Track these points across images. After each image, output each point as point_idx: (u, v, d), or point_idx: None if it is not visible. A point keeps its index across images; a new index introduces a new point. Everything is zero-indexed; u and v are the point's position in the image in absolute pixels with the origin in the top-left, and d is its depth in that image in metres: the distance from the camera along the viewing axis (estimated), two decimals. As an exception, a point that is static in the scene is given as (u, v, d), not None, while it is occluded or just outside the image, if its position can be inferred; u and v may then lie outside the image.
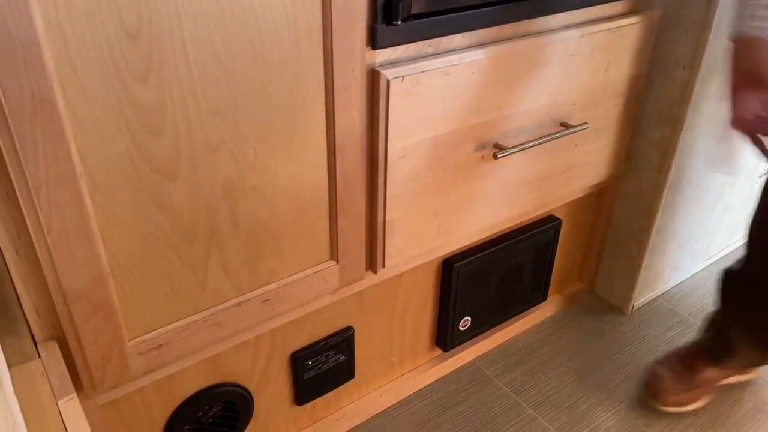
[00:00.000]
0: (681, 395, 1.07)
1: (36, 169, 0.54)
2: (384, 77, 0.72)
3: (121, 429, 0.78)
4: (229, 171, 0.67)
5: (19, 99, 0.51)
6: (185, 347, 0.74)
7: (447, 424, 1.07)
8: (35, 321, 0.63)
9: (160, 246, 0.66)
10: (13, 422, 0.53)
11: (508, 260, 1.11)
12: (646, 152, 1.14)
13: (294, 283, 0.80)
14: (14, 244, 0.58)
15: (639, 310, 1.32)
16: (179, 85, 0.59)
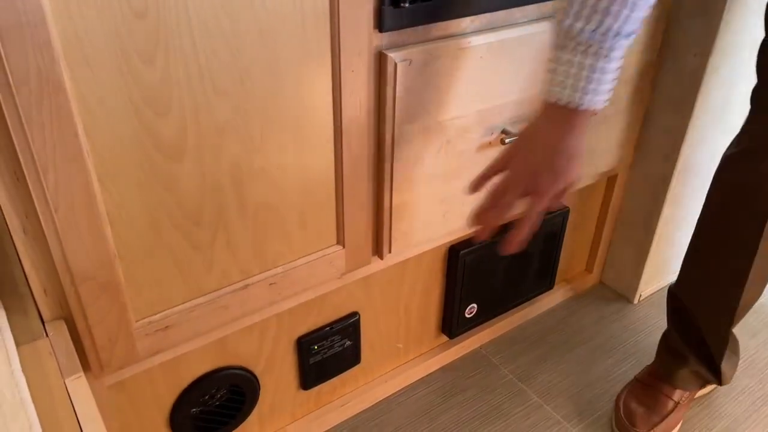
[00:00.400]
0: (656, 429, 1.01)
1: (43, 148, 0.54)
2: (391, 60, 0.72)
3: (129, 410, 0.79)
4: (236, 152, 0.67)
5: (26, 77, 0.51)
6: (192, 329, 0.74)
7: (452, 411, 1.07)
8: (43, 300, 0.63)
9: (167, 227, 0.66)
10: (21, 399, 0.53)
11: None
12: (655, 140, 1.14)
13: (300, 267, 0.80)
14: (22, 223, 0.58)
15: (646, 300, 1.32)
16: (185, 65, 0.59)
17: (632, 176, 1.20)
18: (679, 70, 1.06)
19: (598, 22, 0.58)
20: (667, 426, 1.01)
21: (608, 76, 0.61)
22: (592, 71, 0.60)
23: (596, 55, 0.59)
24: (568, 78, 0.61)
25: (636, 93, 1.05)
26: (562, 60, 0.61)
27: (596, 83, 0.61)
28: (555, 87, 0.62)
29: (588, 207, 1.24)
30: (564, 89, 0.62)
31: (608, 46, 0.59)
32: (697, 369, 1.01)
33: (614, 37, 0.59)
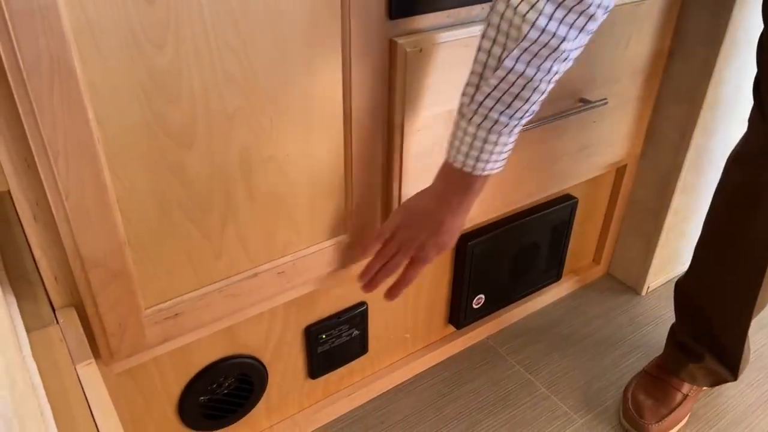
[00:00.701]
0: (664, 421, 1.00)
1: (54, 134, 0.54)
2: (402, 48, 0.71)
3: (138, 398, 0.79)
4: (245, 140, 0.67)
5: (36, 62, 0.51)
6: (201, 317, 0.74)
7: (459, 401, 1.07)
8: (53, 287, 0.63)
9: (177, 215, 0.66)
10: (32, 385, 0.54)
11: (523, 239, 1.10)
12: (665, 130, 1.13)
13: (309, 256, 0.80)
14: (33, 210, 0.58)
15: (654, 292, 1.31)
16: (196, 51, 0.59)
17: (642, 167, 1.19)
18: (690, 60, 1.05)
19: (490, 108, 0.63)
20: (675, 418, 1.01)
21: (499, 148, 0.66)
22: (484, 143, 0.65)
23: (489, 131, 0.64)
24: (463, 145, 0.66)
25: (646, 83, 1.04)
26: (461, 126, 0.66)
27: (488, 154, 0.66)
28: (452, 150, 0.68)
29: (596, 198, 1.23)
30: (458, 154, 0.67)
31: (499, 129, 0.64)
32: (714, 367, 0.99)
33: (505, 125, 0.64)
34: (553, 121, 0.90)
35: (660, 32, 0.99)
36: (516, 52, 0.59)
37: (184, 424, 0.86)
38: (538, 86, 0.61)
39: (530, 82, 0.60)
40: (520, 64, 0.59)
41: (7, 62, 0.50)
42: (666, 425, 1.01)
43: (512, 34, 0.59)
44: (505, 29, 0.59)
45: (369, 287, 0.79)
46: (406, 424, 1.03)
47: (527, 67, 0.60)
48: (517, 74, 0.60)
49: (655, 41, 1.00)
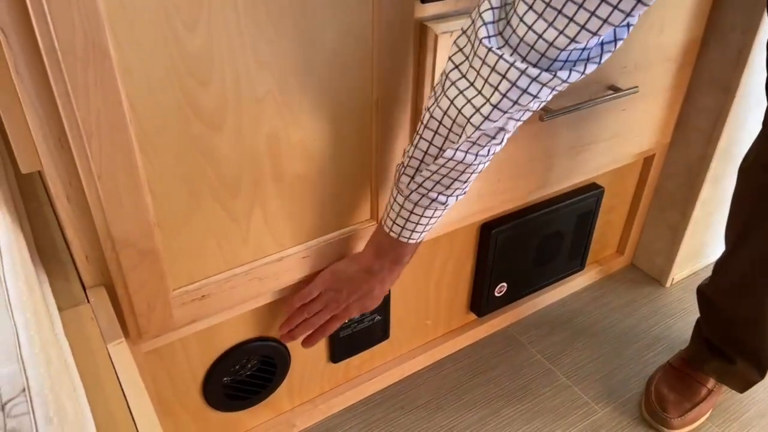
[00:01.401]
0: (687, 415, 0.99)
1: (87, 115, 0.54)
2: (432, 32, 0.70)
3: (164, 377, 0.80)
4: (274, 124, 0.66)
5: (71, 43, 0.51)
6: (227, 299, 0.75)
7: (479, 388, 1.07)
8: (84, 267, 0.64)
9: (205, 197, 0.66)
10: (65, 362, 0.54)
11: (548, 227, 1.09)
12: (696, 120, 1.11)
13: (334, 242, 0.80)
14: (66, 190, 0.59)
15: (679, 284, 1.30)
16: (228, 34, 0.58)
17: (670, 156, 1.17)
18: (724, 48, 1.02)
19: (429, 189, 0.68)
20: (698, 412, 1.00)
21: (433, 221, 0.72)
22: (420, 216, 0.71)
23: (426, 208, 0.70)
24: (399, 217, 0.72)
25: (678, 71, 1.02)
26: (398, 200, 0.72)
27: (422, 226, 0.72)
28: (387, 218, 0.74)
29: (623, 187, 1.21)
30: (393, 223, 0.73)
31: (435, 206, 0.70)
32: (746, 373, 0.97)
33: (443, 203, 0.70)
34: (582, 108, 0.89)
35: (694, 20, 0.97)
36: (457, 144, 0.63)
37: (208, 404, 0.87)
38: (476, 168, 0.66)
39: (470, 166, 0.65)
40: (460, 153, 0.64)
41: (42, 43, 0.50)
42: (689, 419, 1.00)
43: (455, 129, 0.62)
44: (448, 125, 0.62)
45: (288, 338, 0.83)
46: (426, 410, 1.04)
47: (467, 155, 0.64)
48: (457, 161, 0.64)
49: (689, 29, 0.98)
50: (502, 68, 0.55)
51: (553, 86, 0.56)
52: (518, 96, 0.56)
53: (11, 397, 0.41)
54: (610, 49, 0.56)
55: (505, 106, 0.57)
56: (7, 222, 0.57)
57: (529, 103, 0.58)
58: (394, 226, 0.73)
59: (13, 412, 0.40)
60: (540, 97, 0.57)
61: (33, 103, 0.53)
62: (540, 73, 0.54)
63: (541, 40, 0.53)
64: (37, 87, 0.53)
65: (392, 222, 0.73)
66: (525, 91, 0.56)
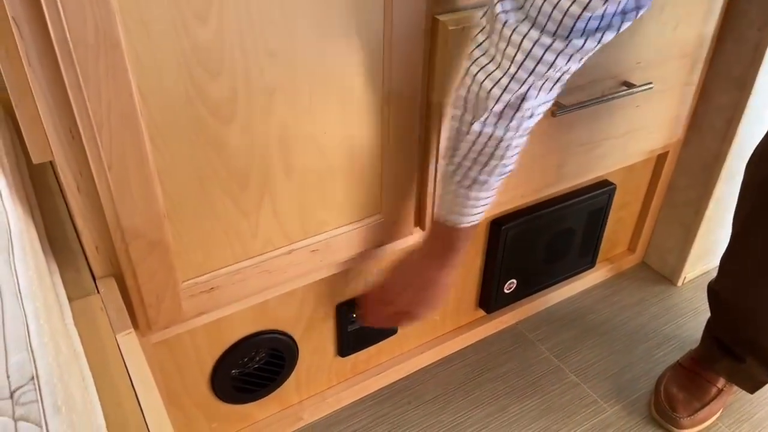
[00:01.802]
0: (697, 414, 0.99)
1: (99, 105, 0.54)
2: (444, 25, 0.70)
3: (173, 368, 0.81)
4: (284, 117, 0.66)
5: (83, 33, 0.51)
6: (235, 292, 0.75)
7: (487, 385, 1.07)
8: (94, 257, 0.64)
9: (215, 190, 0.66)
10: (74, 352, 0.55)
11: (558, 224, 1.08)
12: (711, 117, 1.09)
13: (343, 235, 0.80)
14: (76, 181, 0.59)
15: (691, 283, 1.28)
16: (239, 25, 0.58)
17: (684, 154, 1.16)
18: (740, 44, 1.01)
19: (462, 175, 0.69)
20: (708, 412, 0.99)
21: (481, 202, 0.72)
22: (466, 199, 0.71)
23: (469, 188, 0.70)
24: (446, 201, 0.73)
25: (693, 67, 1.00)
26: (444, 185, 0.72)
27: (469, 208, 0.72)
28: (439, 208, 0.74)
29: (635, 185, 1.20)
30: (443, 210, 0.74)
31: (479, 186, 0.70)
32: (756, 373, 0.96)
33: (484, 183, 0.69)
34: (595, 104, 0.88)
35: (710, 15, 0.96)
36: (483, 119, 0.64)
37: (216, 396, 0.88)
38: (510, 143, 0.66)
39: (502, 141, 0.65)
40: (488, 128, 0.64)
41: (54, 33, 0.50)
42: (699, 419, 0.99)
43: (480, 105, 0.63)
44: (472, 101, 0.64)
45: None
46: (434, 406, 1.03)
47: (495, 129, 0.64)
48: (487, 136, 0.65)
49: (705, 25, 0.96)
50: (516, 39, 0.57)
51: (569, 53, 0.57)
52: (534, 65, 0.58)
53: (20, 385, 0.41)
54: (630, 18, 0.57)
55: (522, 77, 0.59)
56: (19, 212, 0.58)
57: (548, 72, 0.59)
58: (441, 210, 0.73)
59: (21, 399, 0.40)
60: (557, 65, 0.58)
61: (44, 94, 0.53)
62: (553, 41, 0.56)
63: (556, 10, 0.54)
64: (49, 77, 0.53)
65: (439, 207, 0.74)
66: (540, 60, 0.57)
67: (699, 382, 1.01)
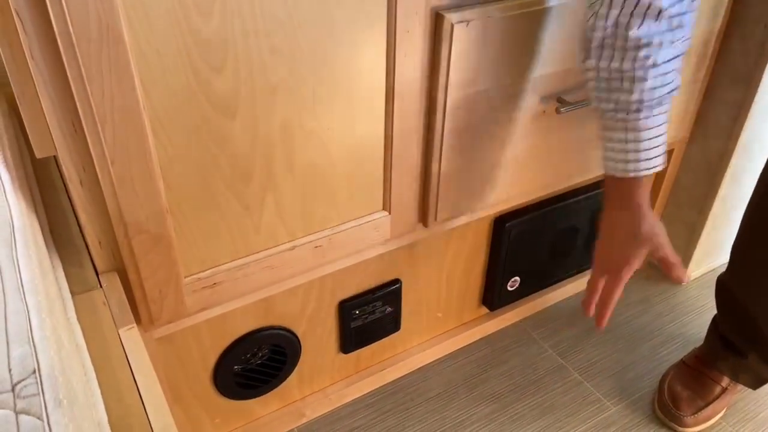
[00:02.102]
0: (701, 413, 0.98)
1: (102, 100, 0.54)
2: (448, 21, 0.69)
3: (175, 363, 0.81)
4: (287, 112, 0.66)
5: (86, 27, 0.51)
6: (238, 288, 0.75)
7: (490, 382, 1.07)
8: (97, 252, 0.64)
9: (218, 185, 0.66)
10: (76, 346, 0.55)
11: (563, 222, 1.08)
12: (716, 114, 1.08)
13: (345, 232, 0.80)
14: (79, 175, 0.59)
15: (696, 281, 1.28)
16: (242, 21, 0.58)
17: (689, 152, 1.16)
18: (747, 41, 1.00)
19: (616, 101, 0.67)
20: (712, 411, 0.99)
21: (646, 144, 0.68)
22: (631, 144, 0.68)
23: (629, 131, 0.68)
24: (613, 152, 0.70)
25: (698, 65, 1.00)
26: (605, 137, 0.70)
27: (638, 153, 0.68)
28: (607, 162, 0.71)
29: (639, 183, 1.20)
30: (613, 162, 0.70)
31: (624, 125, 0.67)
32: (757, 367, 0.95)
33: (637, 111, 0.66)
34: (600, 101, 0.87)
35: (715, 12, 0.95)
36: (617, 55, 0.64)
37: (218, 391, 0.88)
38: (634, 75, 0.65)
39: (625, 73, 0.65)
40: (615, 62, 0.65)
41: (57, 27, 0.50)
42: (702, 417, 0.98)
43: (618, 44, 0.64)
44: (611, 43, 0.65)
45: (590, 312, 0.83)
46: (436, 403, 1.03)
47: (622, 63, 0.65)
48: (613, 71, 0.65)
49: (710, 21, 0.96)
50: None
51: None
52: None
53: (21, 378, 0.41)
54: None
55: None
56: (22, 207, 0.58)
57: None
58: (607, 163, 0.71)
59: (23, 393, 0.40)
60: None
61: (47, 88, 0.53)
62: None
63: None
64: (52, 71, 0.53)
65: (605, 161, 0.71)
66: None
67: (703, 381, 1.00)
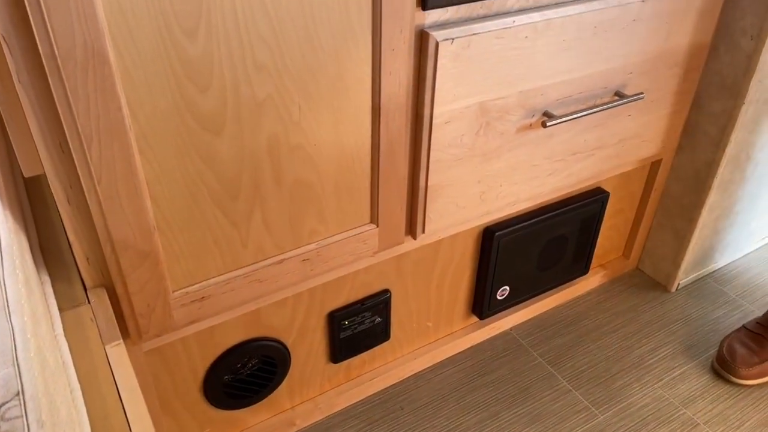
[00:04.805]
0: (755, 368, 1.07)
1: (87, 120, 0.55)
2: (433, 39, 0.70)
3: (165, 375, 0.82)
4: (274, 128, 0.67)
5: (71, 50, 0.52)
6: (227, 301, 0.75)
7: (480, 390, 1.08)
8: (85, 268, 0.65)
9: (205, 200, 0.67)
10: (63, 363, 0.55)
11: (552, 231, 1.09)
12: (704, 125, 1.10)
13: (334, 244, 0.81)
14: (66, 194, 0.60)
15: (684, 289, 1.29)
16: (227, 40, 0.59)
17: (677, 162, 1.17)
18: (734, 53, 1.01)
19: None
20: (766, 368, 1.07)
21: None
22: None
23: None
24: None
25: (686, 77, 1.01)
26: None
27: None
28: None
29: (629, 192, 1.21)
30: None
31: None
32: None
33: None
34: (588, 115, 0.88)
35: (702, 24, 0.96)
36: None
37: (208, 402, 0.89)
38: None
39: None
40: None
41: (43, 50, 0.51)
42: (755, 372, 1.07)
43: None
44: None
45: None
46: (426, 411, 1.04)
47: None
48: None
49: (697, 34, 0.97)
50: None
51: None
52: None
53: (5, 401, 0.41)
54: None
55: None
56: (10, 224, 0.58)
57: None
58: None
59: (7, 415, 0.41)
60: None
61: (34, 109, 0.54)
62: None
63: None
64: (38, 93, 0.54)
65: None
66: None
67: (760, 341, 1.09)
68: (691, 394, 1.07)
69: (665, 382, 1.09)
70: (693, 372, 1.11)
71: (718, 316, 1.23)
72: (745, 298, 1.27)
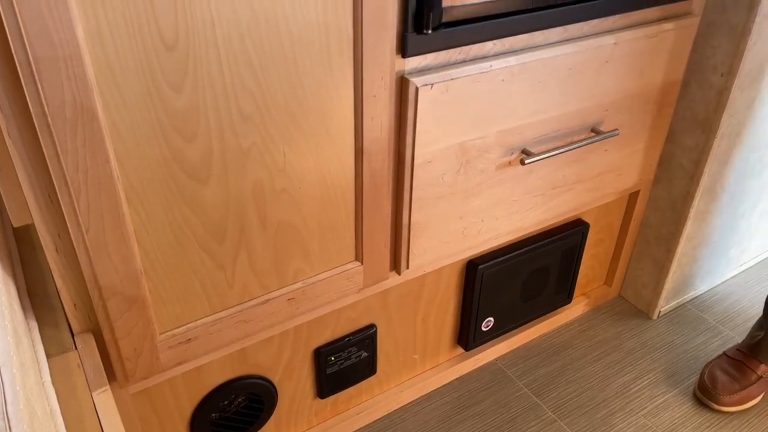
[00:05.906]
0: (736, 395, 1.09)
1: (76, 173, 0.57)
2: (413, 85, 0.73)
3: (152, 416, 0.82)
4: (259, 174, 0.69)
5: (60, 107, 0.53)
6: (213, 342, 0.76)
7: (466, 422, 1.08)
8: (73, 314, 0.66)
9: (191, 245, 0.69)
10: (50, 410, 0.56)
11: (534, 263, 1.11)
12: (679, 158, 1.13)
13: (319, 283, 0.82)
14: (55, 242, 0.61)
15: (666, 316, 1.31)
16: (213, 92, 0.61)
17: (655, 193, 1.20)
18: (705, 89, 1.05)
19: None
20: (747, 395, 1.09)
21: None
22: None
23: None
24: None
25: (659, 112, 1.04)
26: None
27: None
28: None
29: (609, 222, 1.23)
30: None
31: None
32: None
33: None
34: (565, 151, 0.91)
35: (674, 63, 1.00)
36: None
37: (196, 440, 0.89)
38: None
39: None
40: None
41: (33, 108, 0.52)
42: (737, 399, 1.09)
43: None
44: None
45: None
46: (413, 445, 1.05)
47: None
48: None
49: (670, 72, 1.00)
50: None
51: None
52: None
53: (-6, 456, 0.42)
54: None
55: None
56: (-2, 273, 0.59)
57: None
58: None
59: (-5, 470, 0.41)
60: None
61: (24, 163, 0.56)
62: None
63: None
64: (28, 148, 0.55)
65: None
66: None
67: (740, 368, 1.12)
68: (674, 422, 1.09)
69: (648, 410, 1.11)
70: (675, 400, 1.13)
71: (698, 342, 1.25)
72: (725, 324, 1.29)
